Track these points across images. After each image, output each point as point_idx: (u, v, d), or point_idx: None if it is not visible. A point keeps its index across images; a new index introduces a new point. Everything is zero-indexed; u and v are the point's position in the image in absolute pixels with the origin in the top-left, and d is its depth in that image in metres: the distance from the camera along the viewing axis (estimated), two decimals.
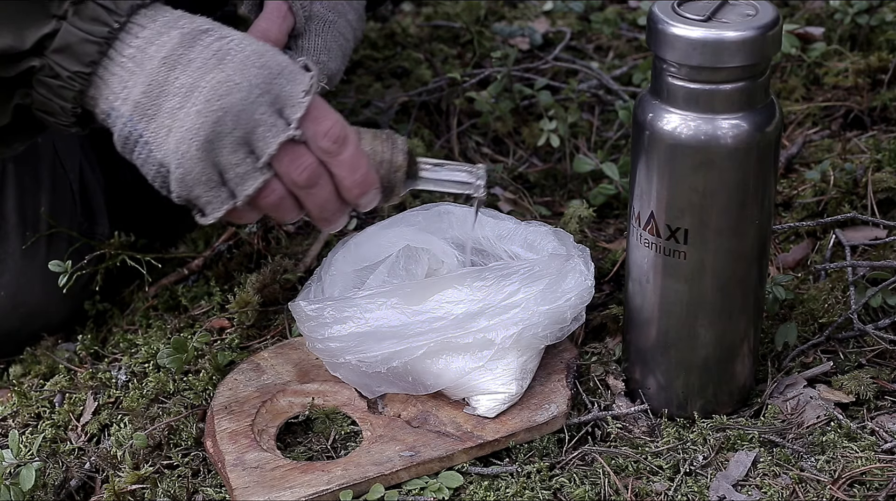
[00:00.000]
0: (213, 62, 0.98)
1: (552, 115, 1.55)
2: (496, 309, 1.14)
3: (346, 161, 1.02)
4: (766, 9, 1.04)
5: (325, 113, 1.01)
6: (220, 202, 1.01)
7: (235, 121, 0.98)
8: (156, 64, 0.98)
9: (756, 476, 1.10)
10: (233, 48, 0.99)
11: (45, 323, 1.32)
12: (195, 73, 0.98)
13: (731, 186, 1.06)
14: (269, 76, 0.99)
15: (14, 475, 1.11)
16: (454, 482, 1.10)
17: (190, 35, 0.99)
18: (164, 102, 0.98)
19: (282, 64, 0.99)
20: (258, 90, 0.98)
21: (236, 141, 0.98)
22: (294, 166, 1.01)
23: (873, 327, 1.23)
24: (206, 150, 0.98)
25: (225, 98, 0.97)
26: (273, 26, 1.16)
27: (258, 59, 0.99)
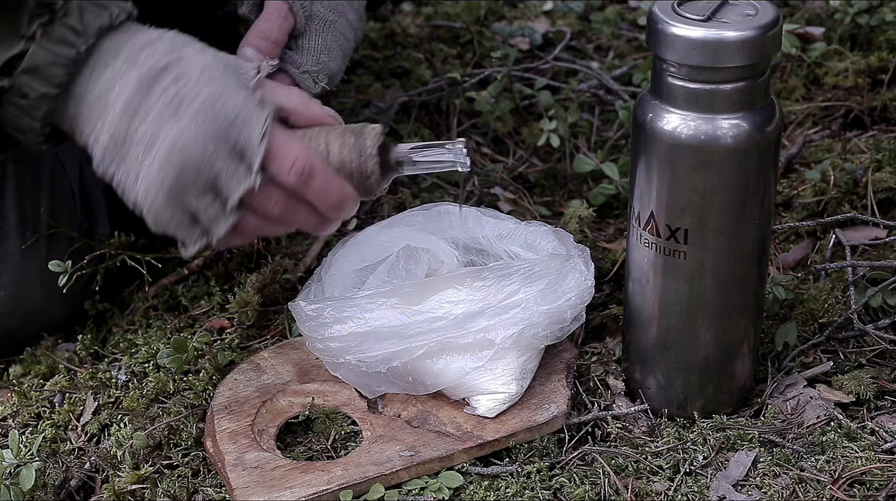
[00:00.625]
0: (169, 111, 0.98)
1: (552, 115, 1.55)
2: (496, 309, 1.14)
3: (317, 189, 1.03)
4: (766, 9, 1.04)
5: (286, 149, 1.01)
6: (197, 239, 1.02)
7: (196, 173, 0.99)
8: (118, 111, 0.99)
9: (756, 476, 1.10)
10: (188, 94, 0.99)
11: (44, 323, 1.32)
12: (154, 122, 0.99)
13: (731, 186, 1.06)
14: (224, 125, 0.99)
15: (14, 475, 1.11)
16: (454, 482, 1.10)
17: (147, 78, 0.99)
18: (129, 149, 0.99)
19: (236, 109, 0.99)
20: (214, 141, 0.98)
21: (201, 189, 0.99)
22: (265, 204, 1.02)
23: (873, 327, 1.23)
24: (173, 198, 0.99)
25: (183, 152, 0.98)
26: (273, 27, 1.16)
27: (212, 106, 0.99)
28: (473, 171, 1.55)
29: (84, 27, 0.99)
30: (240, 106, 0.99)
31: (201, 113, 0.98)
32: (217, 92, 0.99)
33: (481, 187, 1.51)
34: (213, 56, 1.02)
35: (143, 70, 0.99)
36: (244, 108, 0.99)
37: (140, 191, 1.00)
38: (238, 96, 1.00)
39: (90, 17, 0.99)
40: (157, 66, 0.99)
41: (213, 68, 1.00)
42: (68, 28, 0.98)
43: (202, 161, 0.98)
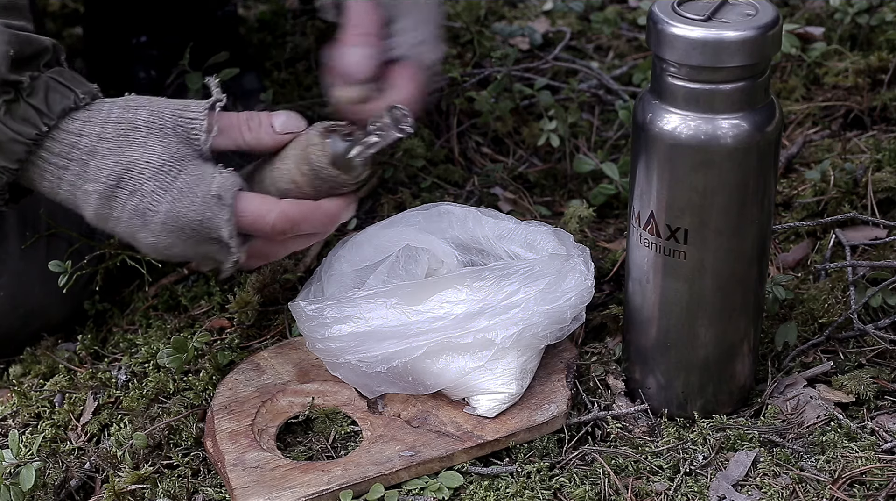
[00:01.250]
0: (137, 222, 1.04)
1: (552, 115, 1.55)
2: (496, 309, 1.14)
3: (304, 226, 1.07)
4: (766, 9, 1.04)
5: (261, 217, 1.05)
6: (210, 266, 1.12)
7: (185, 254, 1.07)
8: (90, 215, 1.06)
9: (756, 475, 1.10)
10: (148, 209, 1.04)
11: (44, 323, 1.32)
12: (127, 229, 1.05)
13: (731, 186, 1.06)
14: (192, 235, 1.04)
15: (14, 475, 1.11)
16: (454, 482, 1.10)
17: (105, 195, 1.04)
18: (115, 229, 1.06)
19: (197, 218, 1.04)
20: (191, 241, 1.05)
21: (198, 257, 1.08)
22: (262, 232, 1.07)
23: (873, 327, 1.23)
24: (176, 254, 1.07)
25: (166, 251, 1.06)
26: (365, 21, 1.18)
27: (175, 223, 1.04)
28: (474, 171, 1.55)
29: (48, 109, 1.03)
30: (200, 211, 1.04)
31: (167, 228, 1.04)
32: (175, 206, 1.04)
33: (481, 187, 1.51)
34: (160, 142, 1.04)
35: (97, 186, 1.04)
36: (205, 211, 1.04)
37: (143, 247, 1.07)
38: (195, 201, 1.04)
39: (55, 98, 1.03)
40: (110, 181, 1.04)
41: (163, 171, 1.04)
42: (32, 108, 1.02)
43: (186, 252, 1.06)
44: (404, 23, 1.20)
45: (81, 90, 1.04)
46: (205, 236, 1.05)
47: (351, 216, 1.11)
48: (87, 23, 1.69)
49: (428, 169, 1.54)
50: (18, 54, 1.01)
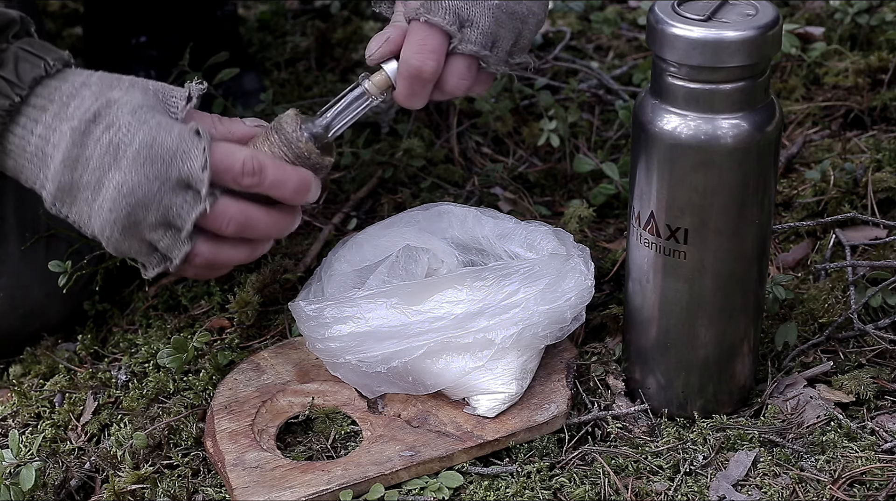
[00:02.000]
0: (108, 160, 1.00)
1: (552, 115, 1.55)
2: (496, 309, 1.14)
3: (274, 181, 1.03)
4: (766, 8, 1.04)
5: (231, 158, 1.02)
6: (155, 264, 1.05)
7: (146, 211, 1.01)
8: (57, 166, 1.01)
9: (756, 475, 1.10)
10: (122, 141, 1.00)
11: (44, 324, 1.32)
12: (95, 172, 1.01)
13: (731, 186, 1.06)
14: (163, 166, 1.00)
15: (14, 475, 1.11)
16: (454, 482, 1.10)
17: (79, 131, 1.01)
18: (77, 194, 1.02)
19: (172, 147, 1.01)
20: (158, 182, 1.00)
21: (154, 224, 1.02)
22: (218, 224, 1.03)
23: (873, 326, 1.23)
24: (128, 233, 1.02)
25: (129, 197, 1.00)
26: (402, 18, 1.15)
27: (149, 151, 1.00)
28: (474, 171, 1.55)
29: (19, 79, 1.01)
30: (176, 141, 1.01)
31: (139, 158, 1.00)
32: (151, 135, 1.01)
33: (481, 187, 1.51)
34: (141, 93, 1.03)
35: (73, 123, 1.01)
36: (181, 142, 1.01)
37: (95, 227, 1.02)
38: (172, 132, 1.01)
39: (25, 68, 1.02)
40: (87, 116, 1.01)
41: (142, 110, 1.02)
42: (3, 80, 1.01)
43: (149, 200, 1.00)
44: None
45: (52, 57, 1.03)
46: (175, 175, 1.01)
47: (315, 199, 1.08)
48: (87, 23, 1.69)
49: (428, 169, 1.54)
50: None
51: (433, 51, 1.11)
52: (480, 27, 1.12)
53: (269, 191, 1.04)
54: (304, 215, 1.48)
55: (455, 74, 1.13)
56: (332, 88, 1.72)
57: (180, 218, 1.01)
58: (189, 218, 1.01)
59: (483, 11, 1.12)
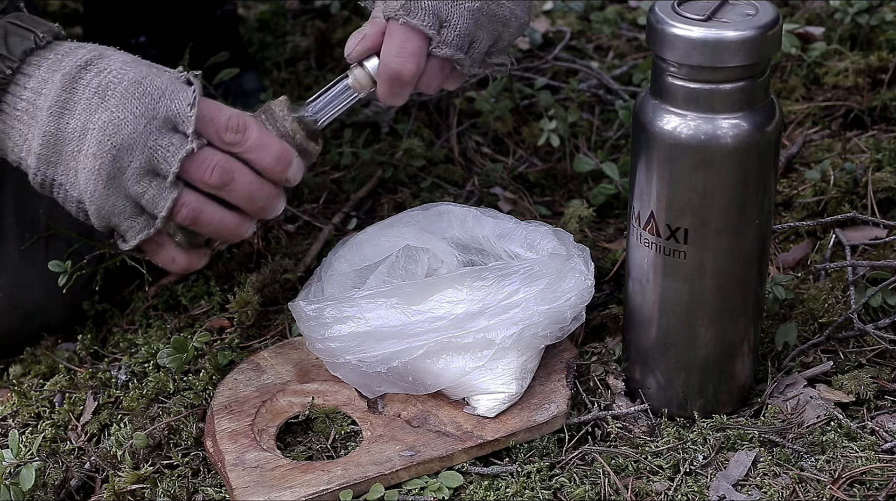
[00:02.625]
0: (96, 101, 1.00)
1: (552, 114, 1.55)
2: (496, 309, 1.14)
3: (256, 143, 1.03)
4: (766, 8, 1.04)
5: (218, 110, 1.03)
6: (140, 228, 1.04)
7: (131, 154, 1.00)
8: (45, 114, 1.00)
9: (756, 475, 1.10)
10: (111, 82, 1.00)
11: (44, 324, 1.32)
12: (82, 115, 1.00)
13: (731, 185, 1.06)
14: (150, 103, 1.00)
15: (14, 475, 1.11)
16: (454, 481, 1.10)
17: (70, 76, 1.00)
18: (62, 147, 1.01)
19: (161, 86, 1.01)
20: (144, 120, 1.00)
21: (139, 171, 1.00)
22: (202, 171, 1.02)
23: (873, 326, 1.23)
24: (113, 185, 1.01)
25: (115, 137, 0.99)
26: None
27: (137, 88, 1.00)
28: (474, 171, 1.55)
29: (9, 51, 1.01)
30: (165, 83, 1.01)
31: (127, 95, 1.00)
32: (141, 75, 1.01)
33: (481, 187, 1.51)
34: (135, 56, 1.04)
35: (64, 71, 1.01)
36: (169, 84, 1.01)
37: (80, 183, 1.01)
38: (162, 76, 1.02)
39: (14, 41, 1.02)
40: (79, 64, 1.01)
41: (134, 62, 1.02)
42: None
43: (135, 140, 0.99)
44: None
45: (41, 30, 1.03)
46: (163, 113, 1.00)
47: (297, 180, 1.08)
48: (86, 23, 1.69)
49: (428, 169, 1.54)
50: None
51: (413, 54, 1.11)
52: (458, 29, 1.12)
53: (249, 153, 1.03)
54: (304, 215, 1.48)
55: (427, 74, 1.13)
56: None
57: (166, 162, 1.00)
58: (175, 160, 1.00)
59: (462, 13, 1.12)
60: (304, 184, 1.52)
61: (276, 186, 1.07)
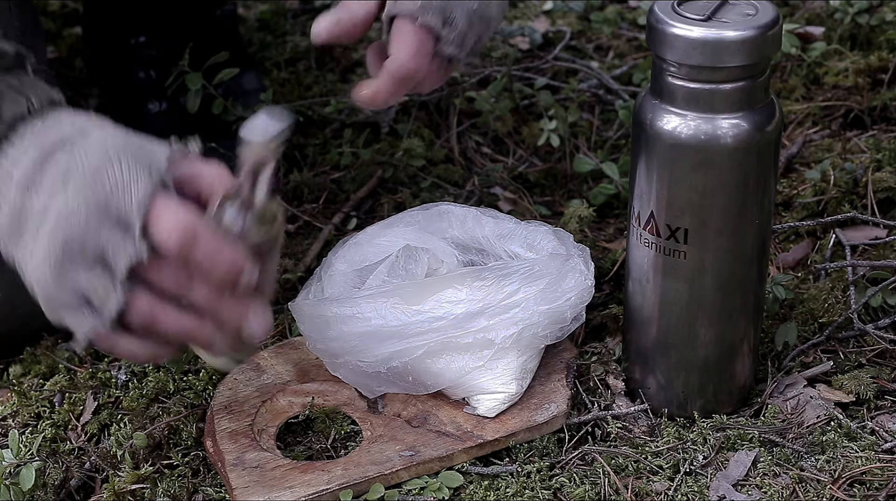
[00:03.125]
0: (58, 184, 0.94)
1: (552, 114, 1.55)
2: (496, 309, 1.14)
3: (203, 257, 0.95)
4: (766, 8, 1.04)
5: (167, 213, 0.94)
6: (87, 325, 0.96)
7: (81, 246, 0.93)
8: (13, 187, 0.96)
9: (756, 475, 1.10)
10: (76, 166, 0.94)
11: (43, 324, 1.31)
12: (45, 196, 0.95)
13: (731, 185, 1.06)
14: (104, 195, 0.93)
15: (14, 475, 1.11)
16: (454, 481, 1.10)
17: (45, 152, 0.95)
18: (25, 225, 0.96)
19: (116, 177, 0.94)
20: (97, 211, 0.93)
21: (89, 264, 0.94)
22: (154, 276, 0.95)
23: (873, 326, 1.23)
24: (61, 275, 0.94)
25: (66, 226, 0.93)
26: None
27: (94, 177, 0.94)
28: (474, 171, 1.55)
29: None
30: (122, 174, 0.94)
31: (85, 182, 0.94)
32: (102, 161, 0.94)
33: (481, 187, 1.51)
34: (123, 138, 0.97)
35: (44, 144, 0.96)
36: (126, 175, 0.94)
37: (31, 266, 0.96)
38: (123, 164, 0.94)
39: (7, 106, 0.97)
40: (57, 139, 0.96)
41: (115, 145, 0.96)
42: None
43: (86, 232, 0.93)
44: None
45: (38, 96, 0.98)
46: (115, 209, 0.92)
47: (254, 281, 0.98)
48: (86, 23, 1.69)
49: (428, 169, 1.54)
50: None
51: (427, 55, 1.11)
52: (458, 29, 1.12)
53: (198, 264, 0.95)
54: (304, 215, 1.48)
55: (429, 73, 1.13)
56: (331, 87, 1.72)
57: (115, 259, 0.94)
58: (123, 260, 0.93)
59: (462, 13, 1.12)
60: (304, 184, 1.52)
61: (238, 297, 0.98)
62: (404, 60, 1.10)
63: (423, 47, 1.10)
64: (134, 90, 1.58)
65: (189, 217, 0.94)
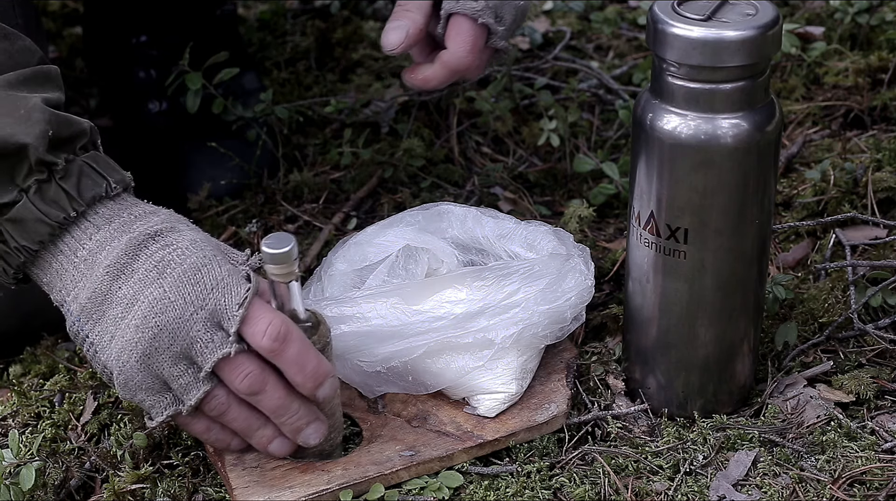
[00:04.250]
0: (153, 275, 0.99)
1: (552, 114, 1.55)
2: (496, 309, 1.14)
3: (292, 358, 1.01)
4: (766, 8, 1.04)
5: (263, 313, 1.00)
6: (164, 407, 1.03)
7: (172, 338, 0.99)
8: (101, 272, 1.00)
9: (756, 475, 1.10)
10: (174, 260, 1.00)
11: (44, 324, 1.32)
12: (136, 285, 1.00)
13: (731, 185, 1.06)
14: (203, 292, 0.99)
15: (14, 475, 1.11)
16: (454, 481, 1.10)
17: (136, 241, 1.00)
18: (107, 309, 1.00)
19: (217, 278, 1.00)
20: (192, 307, 0.99)
21: (175, 355, 1.00)
22: (234, 375, 1.01)
23: (873, 326, 1.23)
24: (146, 362, 1.00)
25: (161, 316, 0.99)
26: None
27: (195, 274, 1.00)
28: (474, 171, 1.55)
29: (79, 194, 1.00)
30: (223, 275, 1.00)
31: (184, 278, 0.99)
32: (202, 261, 1.00)
33: (481, 187, 1.51)
34: (205, 235, 1.04)
35: (133, 235, 1.01)
36: (227, 277, 1.00)
37: (114, 351, 1.01)
38: (223, 267, 1.01)
39: (87, 184, 1.01)
40: (149, 232, 1.01)
41: (202, 243, 1.02)
42: (63, 191, 1.00)
43: (179, 325, 0.99)
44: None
45: (114, 179, 1.02)
46: (212, 306, 0.99)
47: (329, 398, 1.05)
48: (86, 23, 1.69)
49: (428, 169, 1.54)
50: (56, 135, 0.99)
51: (482, 49, 1.20)
52: (507, 24, 1.21)
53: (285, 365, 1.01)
54: (304, 215, 1.48)
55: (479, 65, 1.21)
56: (331, 87, 1.72)
57: (202, 355, 1.00)
58: (211, 357, 0.99)
59: (510, 10, 1.21)
60: (304, 184, 1.52)
61: (308, 404, 1.05)
62: (462, 55, 1.18)
63: (479, 42, 1.19)
64: (134, 90, 1.58)
65: (284, 319, 1.01)
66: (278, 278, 1.02)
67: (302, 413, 1.04)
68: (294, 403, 1.04)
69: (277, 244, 1.01)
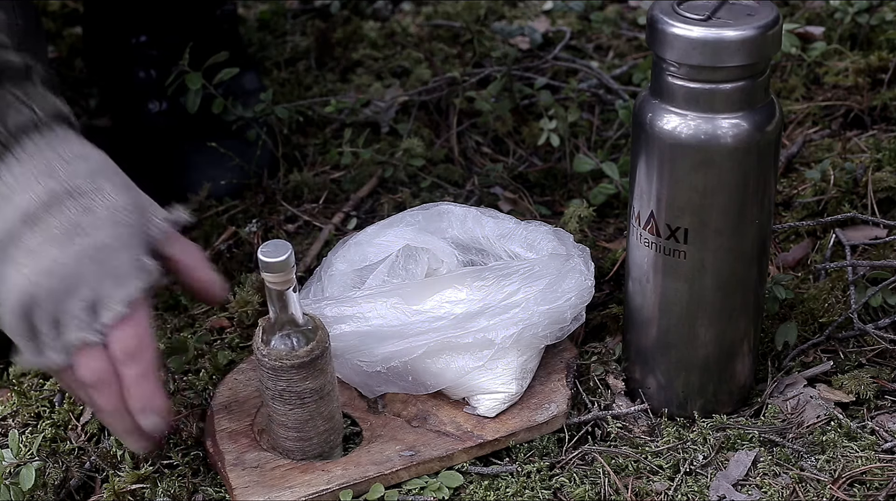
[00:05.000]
0: (62, 238, 0.98)
1: (552, 114, 1.55)
2: (496, 309, 1.14)
3: (131, 376, 1.00)
4: (766, 8, 1.04)
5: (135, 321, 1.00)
6: (31, 354, 1.01)
7: (54, 303, 0.98)
8: (16, 215, 0.99)
9: (756, 475, 1.10)
10: (85, 230, 0.99)
11: None
12: (44, 241, 0.98)
13: (731, 185, 1.06)
14: (98, 273, 0.99)
15: (14, 474, 1.11)
16: (454, 481, 1.10)
17: (57, 195, 0.99)
18: (12, 251, 0.99)
19: (116, 264, 0.99)
20: (82, 284, 0.98)
21: (47, 316, 0.99)
22: (84, 361, 1.00)
23: (873, 326, 1.23)
24: (23, 310, 0.99)
25: (52, 278, 0.98)
26: None
27: (98, 252, 0.99)
28: (474, 171, 1.55)
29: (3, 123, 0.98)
30: (123, 264, 0.99)
31: (88, 252, 0.98)
32: (111, 240, 0.99)
33: (481, 187, 1.51)
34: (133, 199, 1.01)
35: (55, 184, 0.99)
36: (125, 267, 0.99)
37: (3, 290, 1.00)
38: (129, 253, 1.00)
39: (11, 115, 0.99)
40: (72, 186, 0.99)
41: (122, 212, 1.00)
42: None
43: (64, 296, 0.98)
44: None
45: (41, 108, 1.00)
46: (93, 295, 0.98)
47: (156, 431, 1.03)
48: (86, 23, 1.69)
49: (428, 169, 1.54)
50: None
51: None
52: None
53: (125, 377, 1.00)
54: (304, 215, 1.48)
55: None
56: (331, 87, 1.72)
57: (67, 330, 0.99)
58: (72, 336, 0.99)
59: None
60: (304, 184, 1.52)
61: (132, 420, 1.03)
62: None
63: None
64: (134, 90, 1.58)
65: (150, 338, 1.00)
66: (275, 287, 1.03)
67: (127, 425, 1.03)
68: (123, 414, 1.02)
69: (274, 253, 1.01)
